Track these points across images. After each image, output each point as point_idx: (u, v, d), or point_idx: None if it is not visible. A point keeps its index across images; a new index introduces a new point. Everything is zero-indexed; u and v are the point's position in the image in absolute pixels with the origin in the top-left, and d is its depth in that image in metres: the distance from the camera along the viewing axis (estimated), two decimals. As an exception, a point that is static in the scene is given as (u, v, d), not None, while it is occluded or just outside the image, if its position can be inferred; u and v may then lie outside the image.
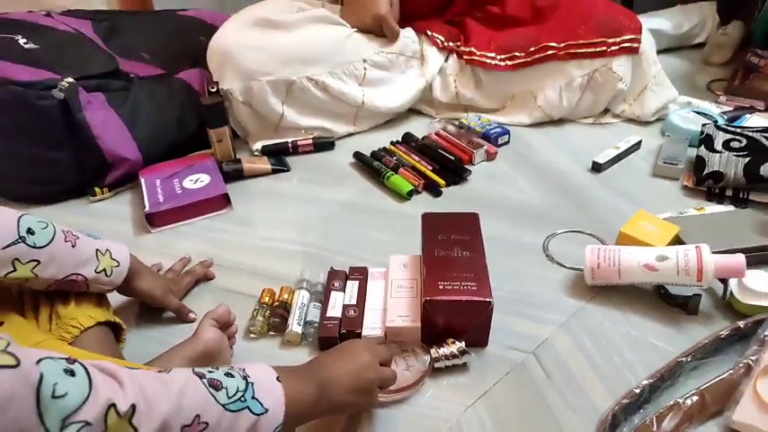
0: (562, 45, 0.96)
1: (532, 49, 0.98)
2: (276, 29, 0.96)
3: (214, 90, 0.94)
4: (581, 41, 0.96)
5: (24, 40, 0.95)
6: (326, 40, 0.98)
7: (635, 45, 0.95)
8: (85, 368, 0.32)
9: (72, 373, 0.31)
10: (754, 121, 0.97)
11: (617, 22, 0.95)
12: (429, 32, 1.06)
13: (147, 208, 0.84)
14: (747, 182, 0.79)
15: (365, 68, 1.00)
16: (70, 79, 0.86)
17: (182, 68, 1.04)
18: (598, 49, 0.95)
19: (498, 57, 1.00)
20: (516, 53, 0.99)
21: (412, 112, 1.10)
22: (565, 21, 0.98)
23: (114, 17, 1.20)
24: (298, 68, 0.95)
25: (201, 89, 0.99)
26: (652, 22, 1.22)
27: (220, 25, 0.99)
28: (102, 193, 0.92)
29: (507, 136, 1.00)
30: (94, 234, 0.58)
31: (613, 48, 0.95)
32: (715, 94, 1.10)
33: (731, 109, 1.01)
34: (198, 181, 0.90)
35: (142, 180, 0.90)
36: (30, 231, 0.49)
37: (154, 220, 0.84)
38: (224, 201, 0.88)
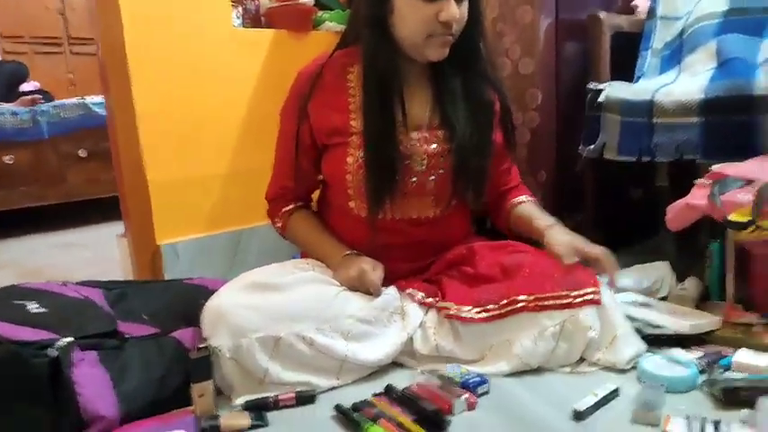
0: (531, 298, 1.04)
1: (504, 302, 1.05)
2: (269, 290, 1.05)
3: (203, 346, 0.99)
4: (548, 294, 1.04)
5: (35, 306, 1.05)
6: (315, 298, 1.06)
7: (596, 297, 1.03)
8: None
9: None
10: (741, 356, 0.99)
11: (576, 278, 1.05)
12: (410, 290, 1.16)
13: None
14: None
15: (350, 324, 1.07)
16: (68, 339, 0.92)
17: (177, 328, 1.11)
18: (564, 301, 1.03)
19: (474, 310, 1.07)
20: (490, 306, 1.06)
21: (395, 364, 1.13)
22: (531, 278, 1.08)
23: (126, 286, 1.33)
24: (287, 325, 1.01)
25: (192, 346, 1.04)
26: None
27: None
28: (73, 452, 0.89)
29: (487, 385, 1.01)
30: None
31: (578, 299, 1.03)
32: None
33: (702, 354, 1.04)
34: (173, 438, 0.88)
35: (115, 439, 0.89)
36: None
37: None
38: (197, 458, 0.85)
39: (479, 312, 1.06)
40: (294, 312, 1.03)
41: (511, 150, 1.28)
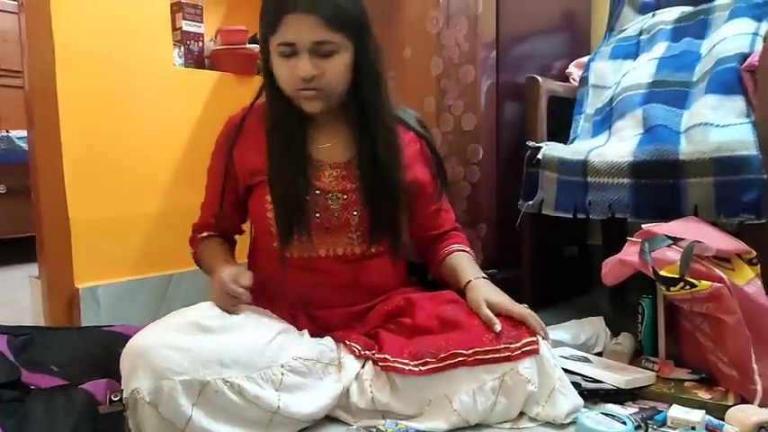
0: (470, 351, 1.02)
1: (443, 355, 1.03)
2: (198, 331, 0.97)
3: (116, 399, 0.90)
4: (486, 348, 1.02)
5: None
6: (247, 343, 0.99)
7: (534, 347, 1.02)
8: None
9: None
10: (675, 411, 0.99)
11: (514, 328, 1.04)
12: (347, 342, 1.12)
13: None
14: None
15: (282, 374, 1.00)
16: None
17: (89, 379, 1.01)
18: (503, 354, 1.01)
19: (411, 363, 1.04)
20: (428, 359, 1.03)
21: (329, 419, 1.07)
22: (469, 331, 1.06)
23: (35, 332, 1.21)
24: (215, 370, 0.94)
25: (104, 399, 0.94)
26: (552, 335, 1.34)
27: None
28: None
29: (425, 442, 0.96)
30: None
31: (516, 352, 1.01)
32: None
33: (636, 410, 1.04)
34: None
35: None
36: None
37: None
38: None
39: (417, 365, 1.03)
40: (224, 357, 0.95)
41: (439, 192, 1.29)
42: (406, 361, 1.04)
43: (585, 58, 1.77)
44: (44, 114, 1.51)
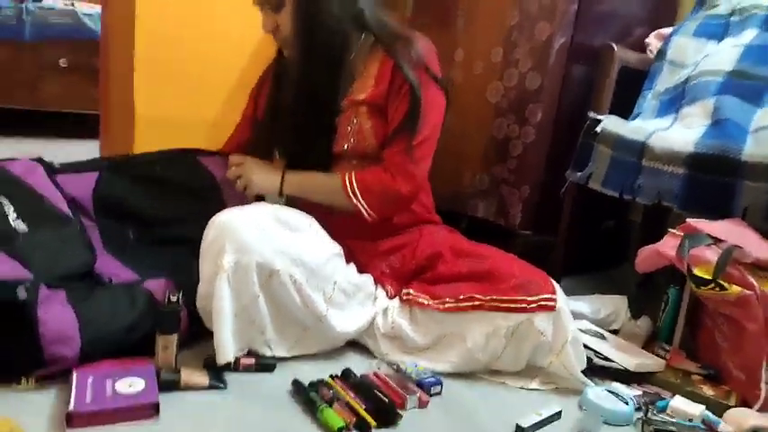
0: (487, 298, 1.10)
1: (461, 297, 1.11)
2: (281, 225, 1.08)
3: (174, 299, 1.00)
4: (504, 297, 1.09)
5: (14, 213, 1.01)
6: (314, 253, 1.10)
7: (551, 303, 1.08)
8: None
9: None
10: (678, 402, 1.05)
11: (534, 283, 1.11)
12: (386, 285, 1.23)
13: (71, 407, 0.82)
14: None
15: (333, 290, 1.12)
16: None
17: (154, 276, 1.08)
18: (519, 305, 1.08)
19: (432, 300, 1.14)
20: (447, 299, 1.12)
21: (353, 349, 1.17)
22: (489, 281, 1.13)
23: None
24: (285, 263, 1.04)
25: (162, 298, 1.04)
26: (573, 305, 1.39)
27: None
28: (28, 384, 0.90)
29: (440, 387, 1.05)
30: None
31: (532, 305, 1.08)
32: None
33: (640, 393, 1.11)
34: (131, 385, 0.90)
35: (74, 376, 0.90)
36: None
37: (73, 420, 0.82)
38: (153, 410, 0.87)
39: (437, 304, 1.13)
40: (294, 255, 1.06)
41: (397, 130, 1.21)
42: (427, 297, 1.14)
43: (668, 30, 1.69)
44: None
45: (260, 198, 1.31)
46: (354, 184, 1.20)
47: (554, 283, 1.12)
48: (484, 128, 1.71)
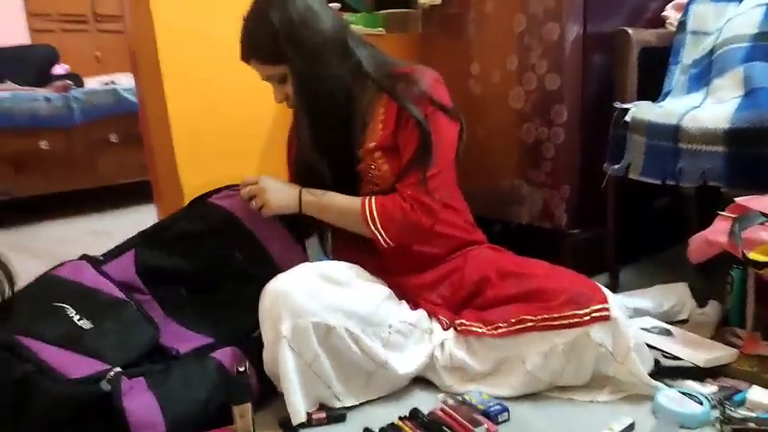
0: (539, 317, 1.10)
1: (513, 320, 1.12)
2: (329, 282, 1.13)
3: (242, 369, 1.06)
4: (555, 315, 1.09)
5: (76, 315, 1.10)
6: (365, 302, 1.15)
7: (605, 314, 1.07)
8: None
9: None
10: (755, 394, 1.02)
11: (583, 296, 1.10)
12: (439, 317, 1.25)
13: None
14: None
15: (390, 333, 1.16)
16: (117, 369, 1.00)
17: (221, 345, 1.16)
18: (572, 321, 1.08)
19: (485, 327, 1.15)
20: (500, 324, 1.14)
21: (418, 385, 1.20)
22: (539, 301, 1.13)
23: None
24: (339, 318, 1.10)
25: (231, 367, 1.11)
26: (634, 302, 1.37)
27: None
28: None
29: (507, 413, 1.07)
30: None
31: (585, 318, 1.07)
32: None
33: (716, 389, 1.08)
34: (216, 457, 0.96)
35: (165, 456, 0.97)
36: None
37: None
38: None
39: (490, 330, 1.15)
40: (346, 309, 1.11)
41: (410, 164, 1.22)
42: (480, 325, 1.16)
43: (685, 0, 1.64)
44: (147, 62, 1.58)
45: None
46: (374, 211, 1.20)
47: (605, 291, 1.11)
48: (512, 135, 1.70)
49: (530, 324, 1.10)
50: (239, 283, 1.12)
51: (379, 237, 1.21)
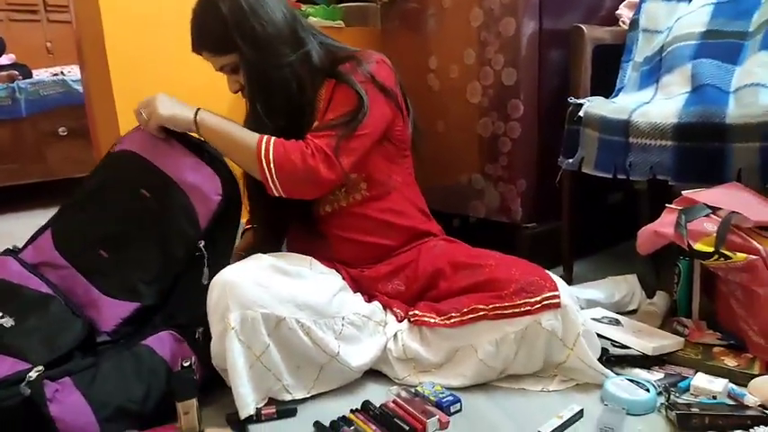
0: (490, 307, 1.10)
1: (465, 310, 1.12)
2: (279, 274, 1.11)
3: (187, 364, 1.03)
4: (506, 303, 1.10)
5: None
6: (317, 293, 1.13)
7: (555, 301, 1.08)
8: None
9: None
10: (699, 380, 1.05)
11: (534, 284, 1.10)
12: (394, 309, 1.24)
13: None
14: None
15: (343, 325, 1.14)
16: (39, 368, 0.93)
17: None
18: (523, 309, 1.08)
19: (438, 318, 1.15)
20: (452, 314, 1.14)
21: (371, 377, 1.18)
22: (490, 290, 1.13)
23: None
24: (290, 309, 1.07)
25: (172, 360, 1.07)
26: (586, 293, 1.39)
27: None
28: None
29: (459, 404, 1.06)
30: None
31: (536, 306, 1.08)
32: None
33: (662, 376, 1.10)
34: (159, 455, 0.92)
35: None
36: None
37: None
38: (182, 477, 0.89)
39: (443, 320, 1.14)
40: (298, 300, 1.09)
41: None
42: (433, 315, 1.16)
43: (638, -2, 1.67)
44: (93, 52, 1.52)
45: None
46: (271, 150, 1.13)
47: (556, 278, 1.12)
48: (470, 129, 1.71)
49: (481, 313, 1.10)
50: (154, 223, 1.07)
51: (270, 180, 1.14)
